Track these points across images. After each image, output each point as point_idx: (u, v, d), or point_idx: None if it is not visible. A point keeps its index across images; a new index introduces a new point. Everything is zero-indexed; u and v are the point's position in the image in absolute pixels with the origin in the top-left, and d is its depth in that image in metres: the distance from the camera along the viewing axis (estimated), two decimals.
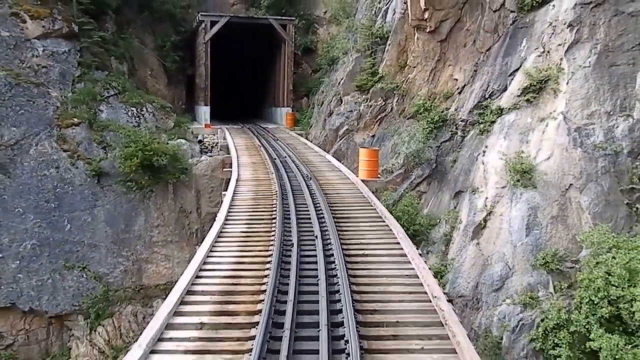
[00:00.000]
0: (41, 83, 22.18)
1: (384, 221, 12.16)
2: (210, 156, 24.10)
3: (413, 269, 9.00)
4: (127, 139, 21.74)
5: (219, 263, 9.36)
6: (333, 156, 22.12)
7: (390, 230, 11.34)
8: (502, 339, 14.02)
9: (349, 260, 9.30)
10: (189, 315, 7.29)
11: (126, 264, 21.11)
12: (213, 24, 30.38)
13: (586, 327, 12.35)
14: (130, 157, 20.92)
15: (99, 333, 20.23)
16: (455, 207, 17.76)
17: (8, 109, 20.84)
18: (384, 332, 6.80)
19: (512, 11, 18.57)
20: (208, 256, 9.60)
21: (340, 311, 7.08)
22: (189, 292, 7.99)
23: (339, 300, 7.43)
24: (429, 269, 9.13)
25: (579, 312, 12.72)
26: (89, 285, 20.28)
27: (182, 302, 7.62)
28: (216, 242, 10.46)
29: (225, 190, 15.31)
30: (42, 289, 19.72)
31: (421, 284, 8.29)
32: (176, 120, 27.06)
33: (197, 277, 8.63)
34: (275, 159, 20.03)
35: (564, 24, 16.07)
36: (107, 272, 20.74)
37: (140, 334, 6.58)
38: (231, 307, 7.54)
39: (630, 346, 11.38)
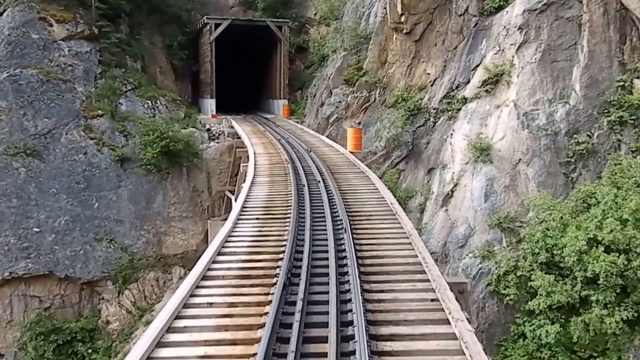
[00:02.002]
0: (68, 79, 23.32)
1: (364, 173, 15.76)
2: (218, 142, 25.45)
3: (381, 194, 13.13)
4: (146, 128, 22.97)
5: (257, 195, 13.27)
6: None
7: (369, 178, 15.22)
8: None
9: (342, 193, 13.11)
10: (248, 215, 11.48)
11: (147, 237, 22.44)
12: (217, 25, 31.49)
13: (530, 271, 14.64)
14: (150, 144, 22.24)
15: (125, 296, 21.62)
16: (428, 182, 19.88)
17: (41, 102, 22.17)
18: (362, 220, 11.09)
19: (474, 15, 20.54)
20: (248, 193, 13.26)
21: (337, 212, 11.10)
22: (243, 208, 11.94)
23: (336, 208, 11.46)
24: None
25: (525, 260, 15.01)
26: (116, 255, 21.60)
27: (242, 211, 11.68)
28: (251, 185, 14.10)
29: (245, 163, 17.75)
30: (76, 258, 21.04)
31: (386, 201, 12.51)
32: (186, 111, 28.16)
33: (246, 201, 12.42)
34: (279, 139, 21.78)
35: (515, 27, 18.16)
36: (132, 244, 22.06)
37: (162, 295, 9.47)
38: (272, 212, 11.70)
39: (560, 283, 13.70)
